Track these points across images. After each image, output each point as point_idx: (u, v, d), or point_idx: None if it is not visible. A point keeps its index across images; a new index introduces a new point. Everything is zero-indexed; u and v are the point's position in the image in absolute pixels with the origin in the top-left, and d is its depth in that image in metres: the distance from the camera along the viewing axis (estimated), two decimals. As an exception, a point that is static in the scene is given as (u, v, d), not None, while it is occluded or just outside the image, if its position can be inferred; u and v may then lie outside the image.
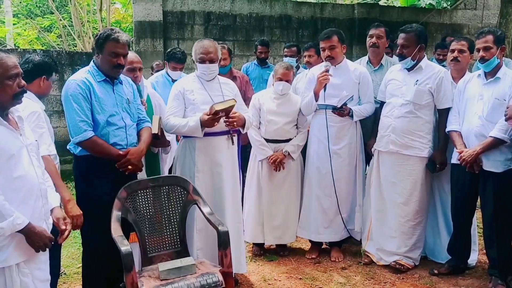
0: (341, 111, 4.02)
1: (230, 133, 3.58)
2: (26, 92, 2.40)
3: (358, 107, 4.09)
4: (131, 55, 3.60)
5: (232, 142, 3.60)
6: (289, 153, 4.14)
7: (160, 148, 3.75)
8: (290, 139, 4.20)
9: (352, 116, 4.07)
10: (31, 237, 2.27)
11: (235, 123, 3.50)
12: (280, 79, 4.14)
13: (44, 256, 2.42)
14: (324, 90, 4.02)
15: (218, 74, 4.85)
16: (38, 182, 2.37)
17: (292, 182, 4.27)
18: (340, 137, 4.13)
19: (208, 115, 3.35)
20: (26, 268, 2.29)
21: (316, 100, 4.06)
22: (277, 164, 4.12)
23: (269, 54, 6.38)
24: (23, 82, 2.33)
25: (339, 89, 4.04)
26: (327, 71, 4.02)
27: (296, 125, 4.24)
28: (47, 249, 2.42)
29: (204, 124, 3.38)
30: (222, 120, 3.44)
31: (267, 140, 4.19)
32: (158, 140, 3.51)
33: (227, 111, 3.41)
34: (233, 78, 4.98)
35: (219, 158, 3.56)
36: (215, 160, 3.55)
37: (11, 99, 2.30)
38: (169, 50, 5.30)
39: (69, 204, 2.81)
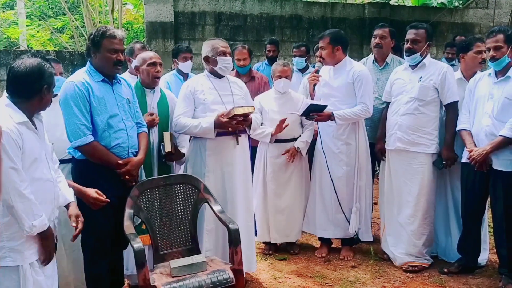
0: (308, 118, 4.02)
1: (236, 133, 3.59)
2: None
3: (343, 110, 4.01)
4: (150, 52, 3.70)
5: (237, 142, 3.60)
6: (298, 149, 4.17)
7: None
8: (295, 138, 4.22)
9: (335, 120, 4.01)
10: (47, 239, 2.33)
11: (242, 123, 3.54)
12: (280, 77, 4.18)
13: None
14: (313, 90, 4.09)
15: (239, 74, 4.94)
16: (54, 185, 2.42)
17: (297, 181, 4.29)
18: (338, 136, 4.13)
19: (225, 116, 3.40)
20: (38, 267, 2.33)
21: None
22: (293, 156, 4.14)
23: (280, 54, 6.39)
24: None
25: (336, 90, 4.09)
26: (316, 71, 4.10)
27: (300, 123, 4.25)
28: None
29: (219, 125, 3.42)
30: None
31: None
32: (173, 156, 3.51)
33: (244, 116, 3.46)
34: (252, 78, 5.03)
35: (230, 158, 3.59)
36: (225, 160, 3.58)
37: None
38: (172, 49, 5.41)
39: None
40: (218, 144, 3.56)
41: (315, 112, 3.97)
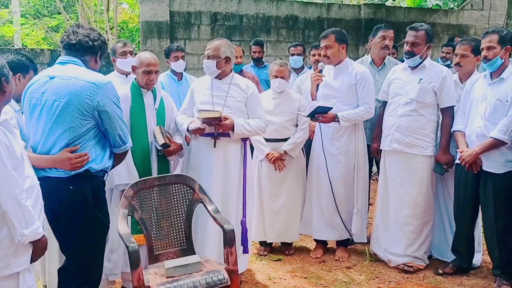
0: (314, 119, 4.00)
1: (215, 135, 3.57)
2: None
3: (347, 111, 3.98)
4: (149, 56, 3.44)
5: (214, 145, 3.59)
6: (285, 152, 4.13)
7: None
8: (289, 138, 4.19)
9: (339, 121, 3.98)
10: (41, 247, 2.26)
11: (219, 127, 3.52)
12: (276, 76, 4.17)
13: None
14: (316, 91, 4.07)
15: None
16: (37, 182, 2.36)
17: (292, 181, 4.27)
18: (337, 138, 4.11)
19: (194, 122, 3.52)
20: (29, 270, 2.30)
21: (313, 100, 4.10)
22: (275, 163, 4.13)
23: (276, 54, 6.38)
24: None
25: (337, 91, 4.07)
26: (320, 71, 4.08)
27: (296, 123, 4.21)
28: None
29: (191, 131, 3.53)
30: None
31: (266, 140, 4.19)
32: (170, 148, 3.46)
33: (217, 120, 3.45)
34: None
35: (206, 159, 3.60)
36: (202, 161, 3.62)
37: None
38: (164, 49, 5.35)
39: None
40: (198, 143, 3.66)
41: (320, 114, 3.95)
